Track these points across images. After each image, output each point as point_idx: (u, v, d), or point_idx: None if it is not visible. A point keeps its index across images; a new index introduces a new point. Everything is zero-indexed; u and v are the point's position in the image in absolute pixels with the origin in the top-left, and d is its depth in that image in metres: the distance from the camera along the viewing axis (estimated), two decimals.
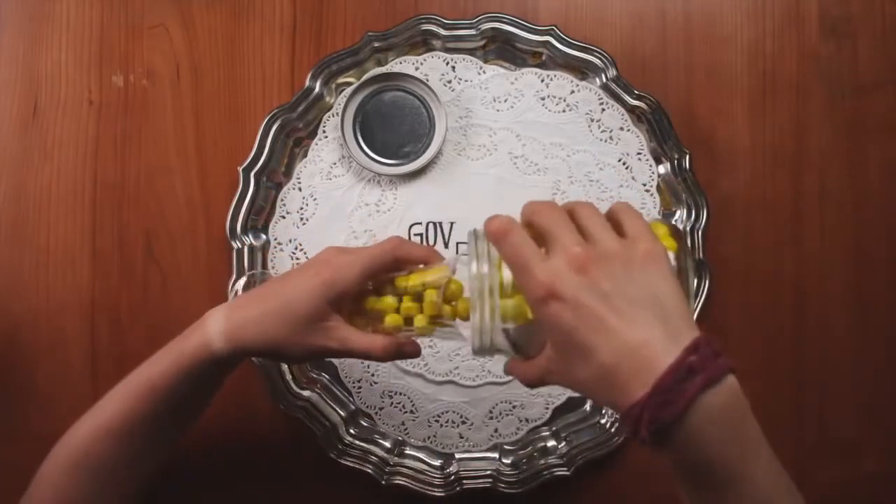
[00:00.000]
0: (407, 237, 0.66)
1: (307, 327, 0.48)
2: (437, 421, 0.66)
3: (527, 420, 0.66)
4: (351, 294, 0.49)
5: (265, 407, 0.66)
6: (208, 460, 0.67)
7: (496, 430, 0.66)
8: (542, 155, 0.67)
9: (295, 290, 0.48)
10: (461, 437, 0.66)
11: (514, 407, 0.66)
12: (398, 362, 0.66)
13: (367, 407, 0.67)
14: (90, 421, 0.51)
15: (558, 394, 0.66)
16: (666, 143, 0.66)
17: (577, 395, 0.66)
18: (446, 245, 0.66)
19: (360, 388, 0.67)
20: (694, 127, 0.67)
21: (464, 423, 0.66)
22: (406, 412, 0.66)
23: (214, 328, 0.49)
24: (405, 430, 0.66)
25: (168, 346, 0.51)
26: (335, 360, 0.67)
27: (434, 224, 0.66)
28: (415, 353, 0.51)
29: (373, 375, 0.66)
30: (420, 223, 0.66)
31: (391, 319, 0.49)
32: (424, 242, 0.66)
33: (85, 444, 0.50)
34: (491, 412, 0.66)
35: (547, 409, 0.66)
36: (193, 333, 0.50)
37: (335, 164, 0.67)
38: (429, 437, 0.66)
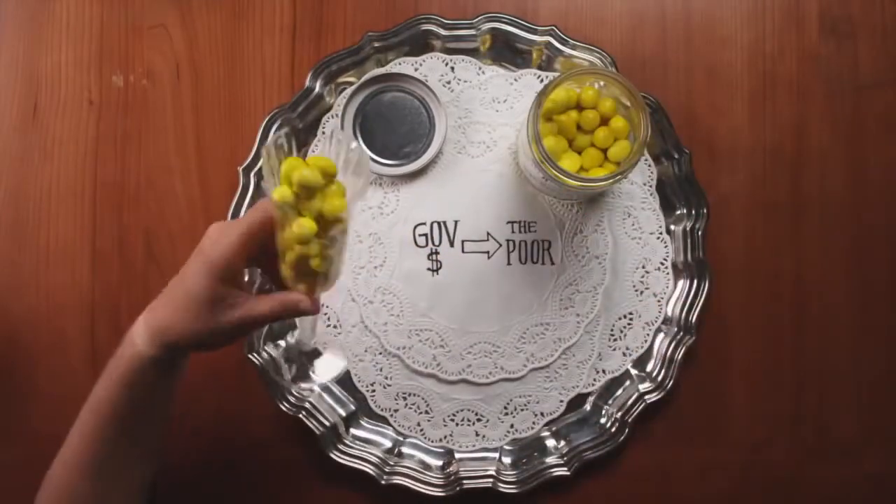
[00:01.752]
0: (412, 238, 0.66)
1: (214, 310, 0.48)
2: (452, 420, 0.66)
3: (542, 414, 0.66)
4: (238, 266, 0.48)
5: (265, 407, 0.66)
6: (208, 460, 0.68)
7: (512, 426, 0.66)
8: None
9: (190, 281, 0.48)
10: (477, 435, 0.66)
11: (528, 402, 0.66)
12: (409, 362, 0.66)
13: (382, 410, 0.67)
14: (61, 459, 0.51)
15: (572, 386, 0.66)
16: (666, 142, 0.66)
17: (587, 390, 0.66)
18: (452, 244, 0.66)
19: (373, 391, 0.67)
20: (694, 127, 0.67)
21: (479, 420, 0.66)
22: (421, 413, 0.66)
23: (139, 337, 0.49)
24: (421, 430, 0.66)
25: (105, 370, 0.51)
26: (347, 366, 0.66)
27: (438, 224, 0.66)
28: (310, 308, 0.50)
29: (386, 378, 0.66)
30: (424, 223, 0.66)
31: (279, 195, 0.46)
32: (430, 243, 0.66)
33: (62, 484, 0.51)
34: (506, 408, 0.66)
35: (562, 402, 0.66)
36: (123, 350, 0.50)
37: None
38: (445, 437, 0.66)
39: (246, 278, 0.65)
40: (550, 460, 0.66)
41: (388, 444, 0.67)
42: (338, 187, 0.48)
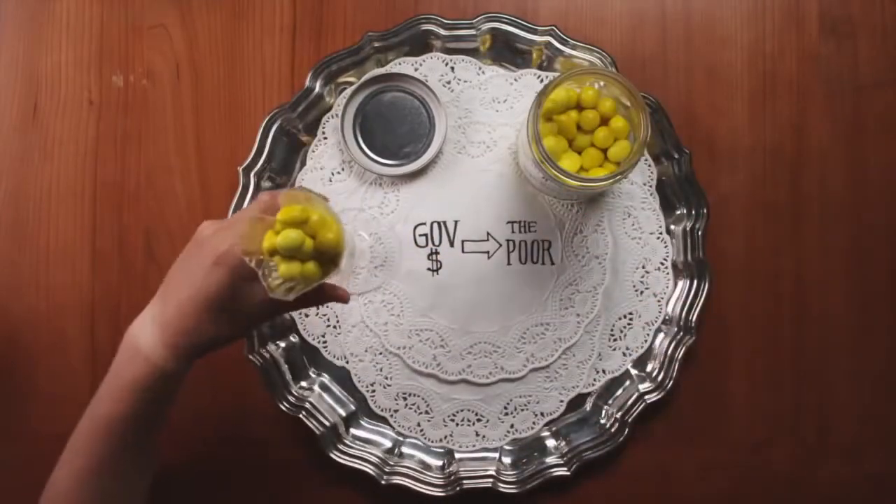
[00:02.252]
0: (412, 238, 0.66)
1: (239, 306, 0.47)
2: (452, 420, 0.67)
3: (542, 414, 0.66)
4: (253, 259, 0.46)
5: (265, 407, 0.66)
6: (208, 460, 0.68)
7: (512, 426, 0.66)
8: None
9: (211, 287, 0.46)
10: (477, 435, 0.66)
11: (528, 402, 0.66)
12: (409, 362, 0.66)
13: (382, 410, 0.67)
14: (66, 468, 0.50)
15: (572, 386, 0.66)
16: (666, 142, 0.66)
17: (587, 390, 0.66)
18: (452, 244, 0.66)
19: (373, 391, 0.67)
20: (694, 127, 0.67)
21: (479, 420, 0.66)
22: (421, 413, 0.66)
23: (156, 354, 0.48)
24: (421, 430, 0.66)
25: (113, 380, 0.49)
26: (348, 366, 0.67)
27: (438, 223, 0.66)
28: (341, 297, 0.53)
29: (386, 378, 0.67)
30: (424, 223, 0.66)
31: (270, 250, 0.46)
32: (430, 243, 0.66)
33: (68, 491, 0.50)
34: (506, 408, 0.66)
35: (562, 402, 0.66)
36: (133, 360, 0.48)
37: (336, 170, 0.67)
38: (445, 437, 0.66)
39: None
40: (550, 460, 0.66)
41: (388, 444, 0.67)
42: (320, 219, 0.46)
